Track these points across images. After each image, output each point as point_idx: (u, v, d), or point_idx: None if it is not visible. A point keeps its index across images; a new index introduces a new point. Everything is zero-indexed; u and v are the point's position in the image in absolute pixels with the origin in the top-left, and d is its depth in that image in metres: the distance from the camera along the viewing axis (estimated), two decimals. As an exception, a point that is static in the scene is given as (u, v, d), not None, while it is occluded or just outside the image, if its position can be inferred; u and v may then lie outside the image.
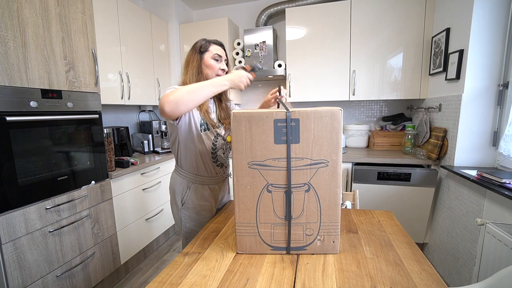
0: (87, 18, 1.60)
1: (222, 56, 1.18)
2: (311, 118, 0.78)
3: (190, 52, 1.18)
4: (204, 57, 1.15)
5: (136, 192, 2.02)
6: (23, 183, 1.30)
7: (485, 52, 1.58)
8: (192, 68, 1.14)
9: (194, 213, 1.21)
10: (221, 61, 1.18)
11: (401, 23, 2.13)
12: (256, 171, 0.81)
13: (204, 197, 1.22)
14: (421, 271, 0.76)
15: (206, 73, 1.16)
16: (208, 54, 1.15)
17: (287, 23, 2.41)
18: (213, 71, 1.15)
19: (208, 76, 1.15)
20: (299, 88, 2.46)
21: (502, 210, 1.32)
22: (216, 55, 1.16)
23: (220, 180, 1.27)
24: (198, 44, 1.17)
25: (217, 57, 1.16)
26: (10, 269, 1.23)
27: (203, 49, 1.15)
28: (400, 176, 1.95)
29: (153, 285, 0.73)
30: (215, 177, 1.23)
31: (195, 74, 1.14)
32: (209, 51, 1.15)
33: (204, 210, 1.22)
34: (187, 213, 1.20)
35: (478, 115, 1.63)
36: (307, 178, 0.81)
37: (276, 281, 0.73)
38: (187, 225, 1.21)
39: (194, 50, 1.17)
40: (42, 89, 1.37)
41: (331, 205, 0.83)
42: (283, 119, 0.78)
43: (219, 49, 1.18)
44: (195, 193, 1.20)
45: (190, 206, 1.20)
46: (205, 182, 1.21)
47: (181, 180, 1.20)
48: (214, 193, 1.25)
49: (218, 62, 1.17)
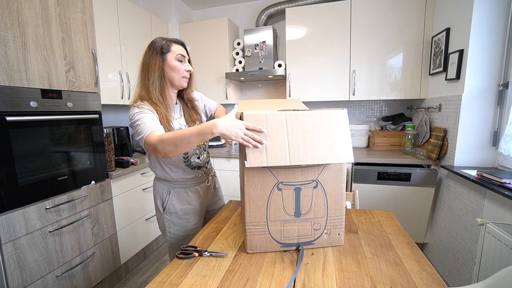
0: (87, 18, 1.60)
1: (185, 56, 1.08)
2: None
3: (148, 53, 1.05)
4: (167, 59, 1.04)
5: (136, 192, 2.02)
6: (23, 183, 1.30)
7: (485, 52, 1.58)
8: (154, 72, 1.03)
9: (176, 218, 1.17)
10: (185, 62, 1.08)
11: (401, 23, 2.13)
12: (266, 170, 0.83)
13: (186, 200, 1.17)
14: (421, 271, 0.76)
15: (170, 76, 1.06)
16: (171, 55, 1.05)
17: (287, 23, 2.41)
18: (178, 73, 1.06)
19: (173, 79, 1.07)
20: (299, 88, 2.46)
21: (502, 210, 1.32)
22: (180, 56, 1.06)
23: (202, 181, 1.22)
24: (158, 44, 1.04)
25: (181, 58, 1.06)
26: (10, 269, 1.23)
27: (165, 49, 1.04)
28: (400, 176, 1.95)
29: (153, 285, 0.73)
30: (194, 179, 1.19)
31: (158, 78, 1.03)
32: (171, 52, 1.05)
33: (187, 214, 1.18)
34: (170, 218, 1.16)
35: (478, 115, 1.63)
36: (315, 175, 0.85)
37: (276, 281, 0.73)
38: (171, 230, 1.18)
39: (153, 51, 1.04)
40: (42, 89, 1.37)
41: (337, 200, 0.87)
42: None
43: (182, 49, 1.08)
44: (176, 197, 1.16)
45: (172, 211, 1.16)
46: (185, 186, 1.17)
47: (160, 185, 1.17)
48: (197, 195, 1.20)
49: (182, 63, 1.07)
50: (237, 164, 2.40)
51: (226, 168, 2.44)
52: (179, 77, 1.07)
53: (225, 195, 2.46)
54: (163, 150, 0.88)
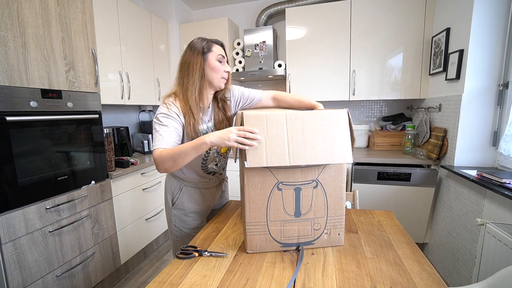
0: (87, 18, 1.60)
1: (225, 57, 1.08)
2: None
3: (190, 52, 1.04)
4: (208, 59, 1.04)
5: (136, 192, 2.02)
6: (23, 183, 1.29)
7: (485, 52, 1.58)
8: (195, 72, 1.02)
9: (183, 215, 1.19)
10: (224, 63, 1.08)
11: (401, 23, 2.13)
12: (266, 169, 0.83)
13: (195, 200, 1.19)
14: (421, 271, 0.76)
15: (210, 76, 1.05)
16: (212, 55, 1.04)
17: (287, 23, 2.41)
18: (218, 74, 1.05)
19: (213, 80, 1.05)
20: (299, 88, 2.46)
21: (502, 210, 1.32)
22: (220, 56, 1.05)
23: (213, 186, 1.24)
24: (199, 44, 1.04)
25: (221, 58, 1.06)
26: (10, 269, 1.23)
27: (206, 49, 1.04)
28: (400, 176, 1.95)
29: (153, 285, 0.73)
30: (207, 183, 1.21)
31: (198, 78, 1.03)
32: (212, 52, 1.04)
33: (194, 213, 1.20)
34: (177, 213, 1.19)
35: (478, 115, 1.63)
36: (315, 175, 0.85)
37: (276, 281, 0.73)
38: (176, 224, 1.20)
39: (194, 50, 1.04)
40: (42, 89, 1.37)
41: (337, 200, 0.87)
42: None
43: (221, 50, 1.08)
44: (187, 195, 1.18)
45: (180, 207, 1.18)
46: (197, 186, 1.19)
47: (173, 181, 1.19)
48: (206, 197, 1.22)
49: (222, 64, 1.07)
50: (237, 164, 2.40)
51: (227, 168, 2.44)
52: (219, 78, 1.06)
53: (225, 195, 2.49)
54: (163, 166, 0.92)
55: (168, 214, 1.22)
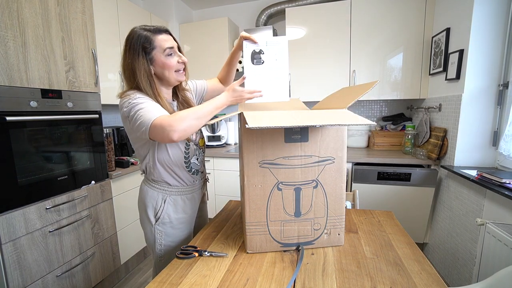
0: (87, 18, 1.60)
1: (173, 46, 0.92)
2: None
3: (129, 55, 0.89)
4: (154, 58, 0.90)
5: (136, 192, 2.00)
6: (23, 183, 1.30)
7: (485, 52, 1.58)
8: (142, 79, 0.88)
9: (170, 228, 1.06)
10: (175, 52, 0.93)
11: (401, 23, 2.13)
12: (266, 169, 0.83)
13: (182, 208, 1.08)
14: (421, 271, 0.76)
15: (163, 75, 0.94)
16: (157, 51, 0.89)
17: (287, 23, 2.40)
18: (170, 70, 0.93)
19: (168, 78, 0.94)
20: (299, 88, 2.46)
21: (502, 210, 1.32)
22: (168, 49, 0.90)
23: (198, 188, 1.14)
24: (138, 42, 0.87)
25: (170, 51, 0.91)
26: (10, 269, 1.23)
27: (148, 48, 0.88)
28: (400, 176, 1.95)
29: (153, 285, 0.73)
30: (192, 185, 1.10)
31: (148, 84, 0.89)
32: (156, 48, 0.89)
33: (182, 223, 1.09)
34: (162, 229, 1.05)
35: (478, 115, 1.63)
36: (315, 175, 0.85)
37: (276, 281, 0.73)
38: (162, 242, 1.06)
39: (134, 52, 0.88)
40: (42, 89, 1.37)
41: (337, 200, 0.87)
42: None
43: (167, 39, 0.91)
44: (172, 206, 1.05)
45: (166, 220, 1.04)
46: (182, 193, 1.07)
47: (153, 193, 1.04)
48: (192, 203, 1.12)
49: (173, 56, 0.92)
50: (237, 164, 2.40)
51: (226, 168, 2.44)
52: (172, 72, 0.94)
53: (225, 195, 2.50)
54: (180, 126, 0.78)
55: (149, 233, 1.07)
